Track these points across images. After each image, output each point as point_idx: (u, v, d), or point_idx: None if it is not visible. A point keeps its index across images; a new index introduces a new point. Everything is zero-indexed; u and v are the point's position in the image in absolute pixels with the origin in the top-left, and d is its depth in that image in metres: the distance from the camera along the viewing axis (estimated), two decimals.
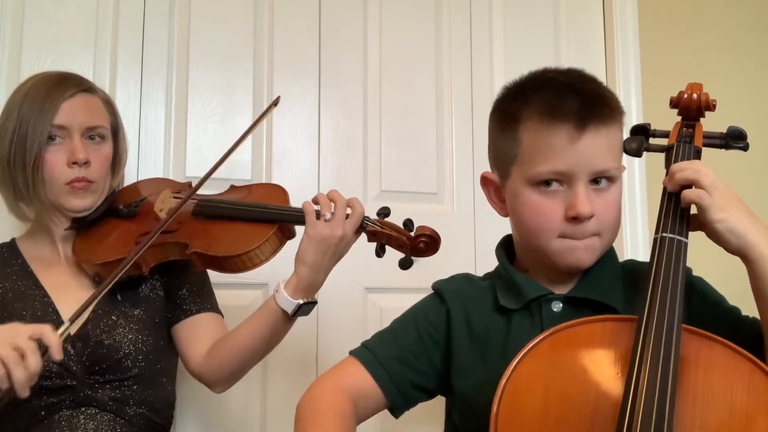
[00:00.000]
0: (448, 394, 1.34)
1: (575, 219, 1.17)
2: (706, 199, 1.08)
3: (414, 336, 1.29)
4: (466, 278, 1.37)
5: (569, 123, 1.16)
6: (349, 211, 1.43)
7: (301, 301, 1.44)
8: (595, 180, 1.19)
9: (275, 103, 1.65)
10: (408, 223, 1.43)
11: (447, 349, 1.28)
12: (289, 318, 1.47)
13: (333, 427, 1.17)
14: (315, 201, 1.45)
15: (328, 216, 1.41)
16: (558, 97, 1.18)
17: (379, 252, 1.43)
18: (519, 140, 1.20)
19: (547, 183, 1.18)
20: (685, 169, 1.11)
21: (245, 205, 1.53)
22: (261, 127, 2.04)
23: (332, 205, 1.43)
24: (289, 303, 1.44)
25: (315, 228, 1.41)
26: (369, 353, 1.28)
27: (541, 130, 1.18)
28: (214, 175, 1.89)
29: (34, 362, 1.21)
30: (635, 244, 2.24)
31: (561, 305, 1.23)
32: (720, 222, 1.08)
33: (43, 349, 1.22)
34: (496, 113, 1.30)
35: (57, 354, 1.22)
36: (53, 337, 1.23)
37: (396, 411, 1.30)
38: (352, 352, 1.30)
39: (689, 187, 1.11)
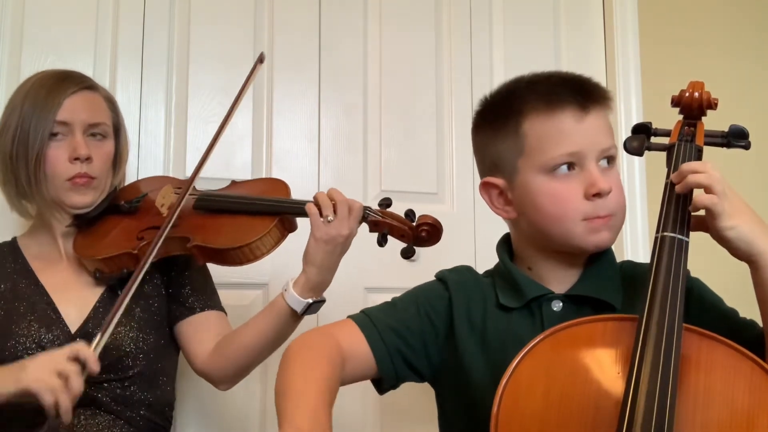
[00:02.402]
0: (442, 387, 1.34)
1: (597, 196, 1.19)
2: (718, 206, 1.07)
3: (413, 312, 1.29)
4: (469, 271, 1.37)
5: (573, 105, 1.20)
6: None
7: (311, 300, 1.45)
8: (601, 160, 1.22)
9: (260, 59, 1.63)
10: (410, 213, 1.43)
11: (448, 339, 1.28)
12: (297, 317, 1.47)
13: (320, 367, 1.15)
14: (315, 202, 1.44)
15: (331, 217, 1.42)
16: (556, 87, 1.22)
17: (381, 242, 1.43)
18: (523, 134, 1.22)
19: (561, 168, 1.20)
20: (699, 172, 1.10)
21: (246, 198, 1.53)
22: (261, 128, 2.04)
23: (332, 204, 1.43)
24: (299, 302, 1.45)
25: (320, 230, 1.42)
26: (367, 319, 1.27)
27: (547, 117, 1.20)
28: (213, 176, 1.91)
29: (77, 384, 1.25)
30: (635, 243, 2.24)
31: (561, 304, 1.23)
32: (730, 229, 1.08)
33: (80, 366, 1.26)
34: (487, 118, 1.31)
35: (95, 367, 1.27)
36: (89, 353, 1.27)
37: (384, 384, 1.29)
38: (352, 316, 1.29)
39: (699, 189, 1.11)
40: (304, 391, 1.10)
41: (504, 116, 1.25)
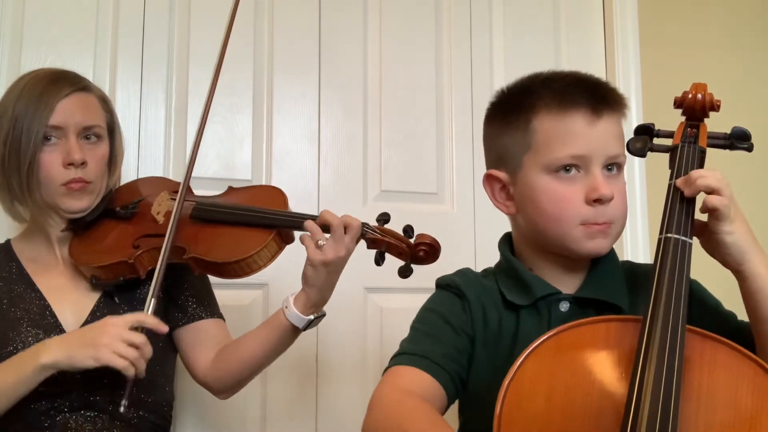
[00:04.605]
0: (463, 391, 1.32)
1: (597, 201, 1.18)
2: (727, 209, 1.08)
3: (452, 333, 1.26)
4: (472, 273, 1.36)
5: (586, 108, 1.19)
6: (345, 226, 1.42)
7: (312, 317, 1.46)
8: (607, 167, 1.21)
9: None
10: (408, 230, 1.41)
11: (473, 345, 1.27)
12: (298, 331, 1.48)
13: (438, 417, 1.08)
14: (307, 229, 1.43)
15: (322, 241, 1.40)
16: (570, 87, 1.22)
17: (378, 260, 1.41)
18: (533, 130, 1.22)
19: (565, 169, 1.20)
20: (707, 176, 1.11)
21: (244, 209, 1.51)
22: (261, 128, 2.04)
23: (320, 229, 1.41)
24: (300, 319, 1.45)
25: (316, 256, 1.40)
26: (419, 357, 1.20)
27: (559, 116, 1.20)
28: (213, 176, 1.91)
29: (149, 350, 1.34)
30: (635, 244, 2.24)
31: (568, 305, 1.23)
32: (729, 234, 1.09)
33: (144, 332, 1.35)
34: (500, 111, 1.30)
35: (164, 329, 1.37)
36: (151, 320, 1.36)
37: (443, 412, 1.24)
38: (398, 362, 1.21)
39: (706, 193, 1.11)
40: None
41: (516, 110, 1.25)
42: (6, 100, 1.49)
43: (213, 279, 1.65)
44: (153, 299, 1.37)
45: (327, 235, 1.41)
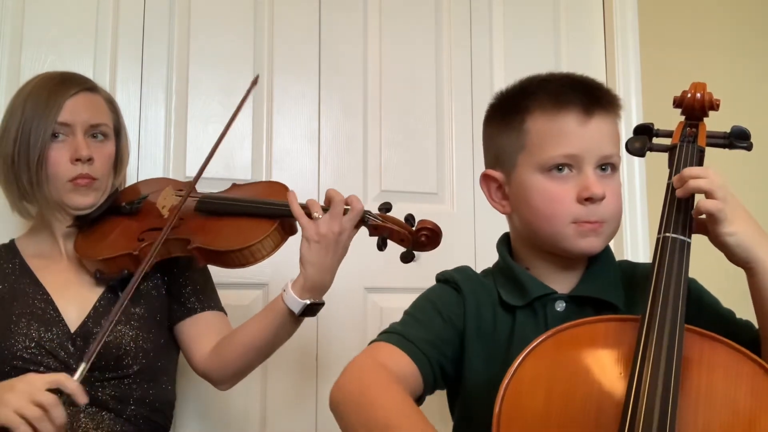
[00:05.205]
0: (454, 388, 1.33)
1: (589, 200, 1.19)
2: (721, 213, 1.08)
3: (440, 322, 1.26)
4: (472, 271, 1.37)
5: (578, 108, 1.20)
6: (347, 207, 1.43)
7: (308, 301, 1.45)
8: (600, 167, 1.22)
9: (254, 82, 1.66)
10: (409, 218, 1.43)
11: (462, 339, 1.27)
12: (295, 318, 1.47)
13: (401, 394, 1.09)
14: (304, 206, 1.45)
15: (317, 214, 1.42)
16: (564, 88, 1.23)
17: (381, 246, 1.44)
18: (526, 130, 1.23)
19: (557, 169, 1.21)
20: (699, 177, 1.10)
21: (247, 201, 1.53)
22: (261, 128, 2.04)
23: (326, 202, 1.44)
24: (296, 303, 1.44)
25: (310, 230, 1.42)
26: (401, 337, 1.21)
27: (551, 116, 1.21)
28: (214, 176, 1.91)
29: (59, 414, 1.21)
30: (635, 243, 2.24)
31: (564, 304, 1.24)
32: (730, 236, 1.09)
33: (65, 398, 1.22)
34: (498, 112, 1.32)
35: (82, 399, 1.24)
36: (72, 384, 1.23)
37: (420, 402, 1.24)
38: (381, 339, 1.23)
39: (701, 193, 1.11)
40: (407, 414, 1.05)
41: (512, 111, 1.26)
42: (15, 101, 1.53)
43: (213, 279, 1.67)
44: (85, 364, 1.26)
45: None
